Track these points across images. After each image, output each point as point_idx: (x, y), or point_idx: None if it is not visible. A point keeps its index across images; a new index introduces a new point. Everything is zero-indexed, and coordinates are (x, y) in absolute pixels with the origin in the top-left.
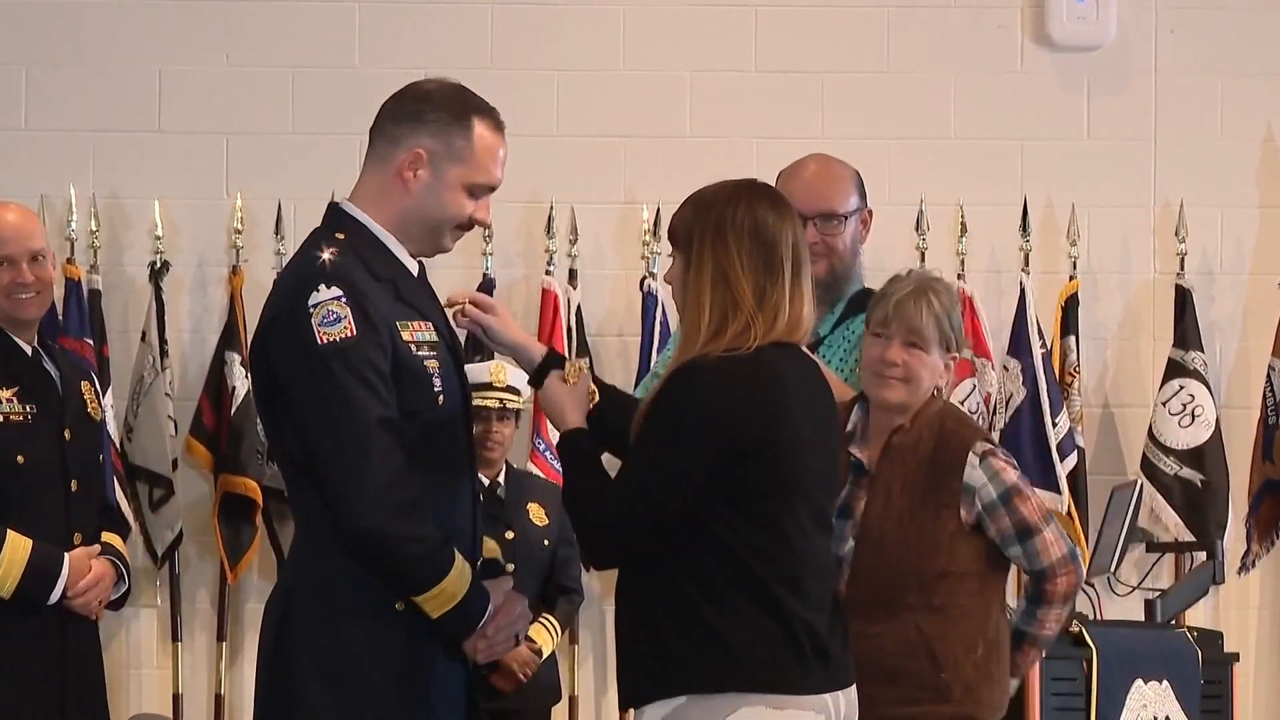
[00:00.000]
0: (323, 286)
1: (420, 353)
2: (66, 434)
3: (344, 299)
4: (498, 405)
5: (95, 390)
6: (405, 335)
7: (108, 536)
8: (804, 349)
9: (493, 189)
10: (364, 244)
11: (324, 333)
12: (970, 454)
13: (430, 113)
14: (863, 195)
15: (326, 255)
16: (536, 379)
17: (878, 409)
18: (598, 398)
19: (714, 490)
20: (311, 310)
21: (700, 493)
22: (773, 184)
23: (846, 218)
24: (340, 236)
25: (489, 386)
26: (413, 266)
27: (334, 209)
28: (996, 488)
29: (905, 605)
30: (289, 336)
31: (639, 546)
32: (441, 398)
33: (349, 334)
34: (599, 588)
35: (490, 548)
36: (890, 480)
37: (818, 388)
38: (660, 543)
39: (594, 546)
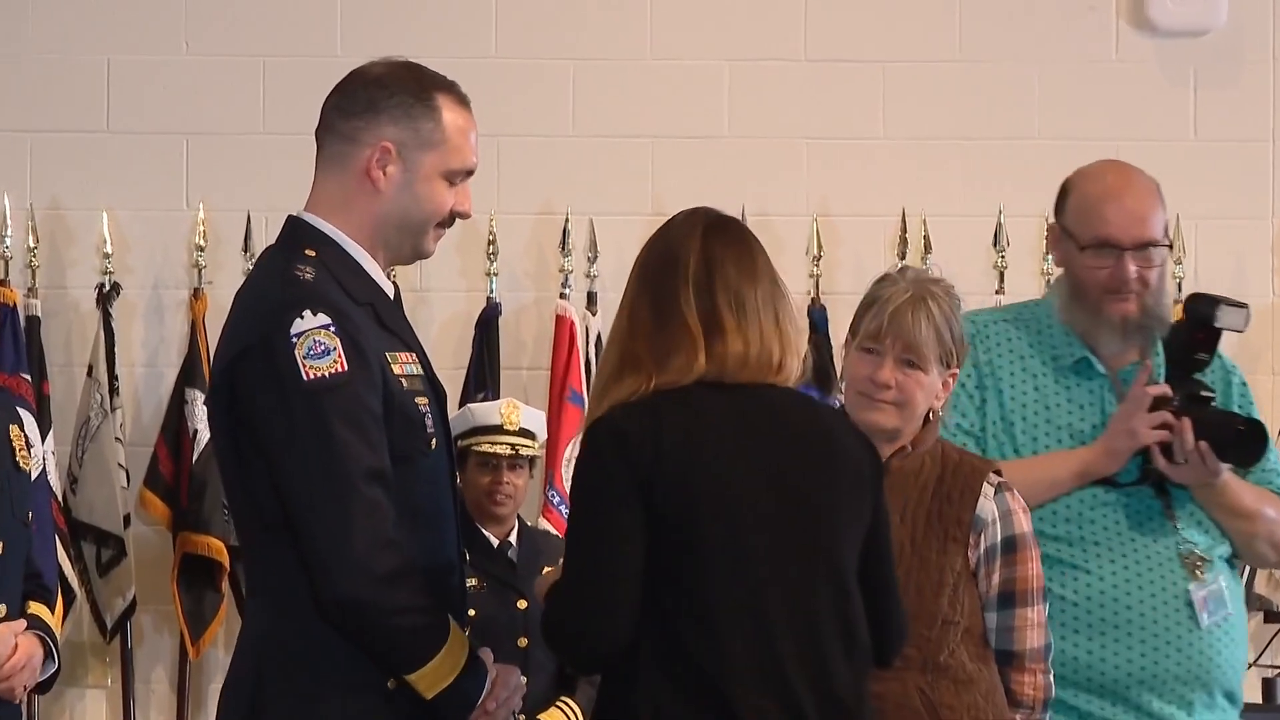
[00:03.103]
0: (307, 313)
1: (411, 388)
2: None
3: (333, 328)
4: (509, 452)
5: (25, 435)
6: (395, 369)
7: (34, 608)
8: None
9: (470, 173)
10: (336, 262)
11: (310, 367)
12: (985, 483)
13: (387, 99)
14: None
15: (306, 275)
16: None
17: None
18: None
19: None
20: (294, 340)
21: (640, 562)
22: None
23: (1170, 245)
24: (310, 254)
25: (499, 429)
26: (388, 287)
27: (296, 223)
28: (1004, 530)
29: (904, 660)
30: (265, 371)
31: (600, 641)
32: (434, 440)
33: (339, 369)
34: None
35: None
36: (888, 509)
37: (778, 433)
38: (628, 635)
39: (557, 649)
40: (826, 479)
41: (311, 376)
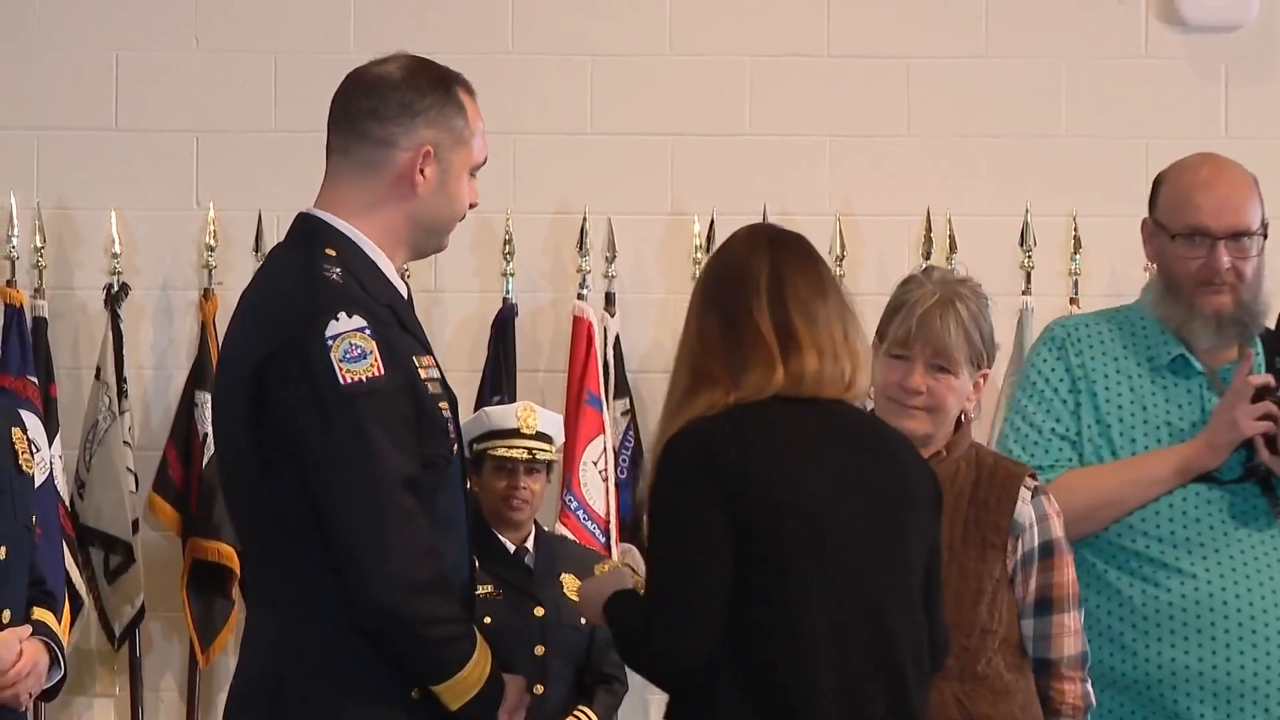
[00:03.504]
0: (342, 315)
1: (434, 393)
2: None
3: (369, 331)
4: (526, 456)
5: (28, 438)
6: (421, 373)
7: (39, 614)
8: (839, 403)
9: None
10: (354, 262)
11: (346, 371)
12: (1022, 487)
13: (419, 100)
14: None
15: (334, 275)
16: None
17: None
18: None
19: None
20: (330, 342)
21: (729, 576)
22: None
23: (1265, 235)
24: (331, 253)
25: (515, 433)
26: (403, 288)
27: (309, 219)
28: (1041, 534)
29: (942, 669)
30: (298, 373)
31: (690, 658)
32: (455, 446)
33: (376, 373)
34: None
35: None
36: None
37: (853, 450)
38: (716, 651)
39: (640, 665)
40: (905, 500)
41: (348, 380)
